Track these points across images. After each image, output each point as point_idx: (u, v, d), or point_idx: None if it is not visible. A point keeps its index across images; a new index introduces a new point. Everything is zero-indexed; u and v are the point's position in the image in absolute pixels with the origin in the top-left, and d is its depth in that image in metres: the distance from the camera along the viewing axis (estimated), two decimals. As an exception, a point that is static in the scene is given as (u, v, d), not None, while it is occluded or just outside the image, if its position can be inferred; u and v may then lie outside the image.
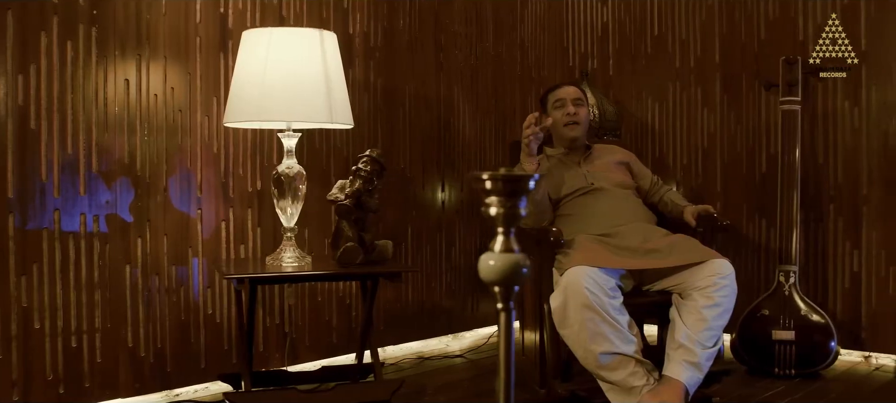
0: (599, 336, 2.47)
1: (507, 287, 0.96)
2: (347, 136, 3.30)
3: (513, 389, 0.98)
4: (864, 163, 3.39)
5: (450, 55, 3.72)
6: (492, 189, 0.95)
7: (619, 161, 3.09)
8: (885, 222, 3.34)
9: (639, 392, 2.48)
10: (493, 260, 0.96)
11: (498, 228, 0.97)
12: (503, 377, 0.96)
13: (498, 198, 0.96)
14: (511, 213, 0.95)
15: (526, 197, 0.95)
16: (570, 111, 3.00)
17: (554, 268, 2.67)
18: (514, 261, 0.95)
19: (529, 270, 0.93)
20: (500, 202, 0.96)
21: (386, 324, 3.46)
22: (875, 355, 3.39)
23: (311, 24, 3.17)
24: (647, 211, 2.97)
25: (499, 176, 0.95)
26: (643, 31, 3.95)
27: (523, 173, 2.61)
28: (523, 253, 0.98)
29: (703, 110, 3.80)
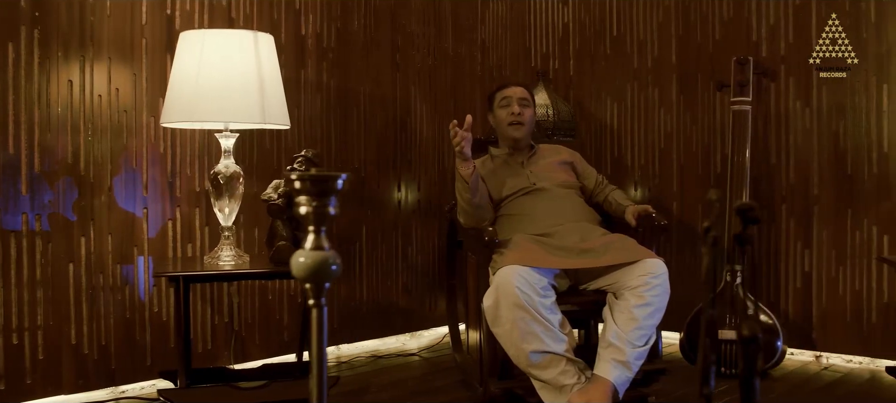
0: (530, 334, 2.49)
1: (318, 284, 0.99)
2: (300, 136, 3.33)
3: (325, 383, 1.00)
4: (815, 163, 3.39)
5: (407, 55, 3.75)
6: (301, 189, 0.98)
7: (564, 161, 3.10)
8: (835, 222, 3.35)
9: (570, 390, 2.51)
10: (303, 257, 0.99)
11: (309, 227, 1.00)
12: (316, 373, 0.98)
13: (307, 198, 0.98)
14: (320, 212, 0.98)
15: (335, 196, 0.98)
16: (514, 111, 3.01)
17: (490, 268, 2.69)
18: (323, 259, 0.98)
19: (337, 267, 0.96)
20: (309, 201, 0.98)
21: (340, 323, 3.50)
22: (826, 355, 3.40)
23: (262, 25, 3.20)
24: (589, 211, 2.98)
25: (307, 176, 0.97)
26: (602, 31, 3.97)
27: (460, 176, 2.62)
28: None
29: (660, 110, 3.81)
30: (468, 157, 2.71)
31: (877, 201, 3.25)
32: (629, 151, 3.91)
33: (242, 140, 3.14)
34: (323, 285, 0.98)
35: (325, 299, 0.99)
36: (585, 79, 4.03)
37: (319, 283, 0.98)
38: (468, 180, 2.73)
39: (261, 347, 3.23)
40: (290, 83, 3.31)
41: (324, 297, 0.99)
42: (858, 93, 3.28)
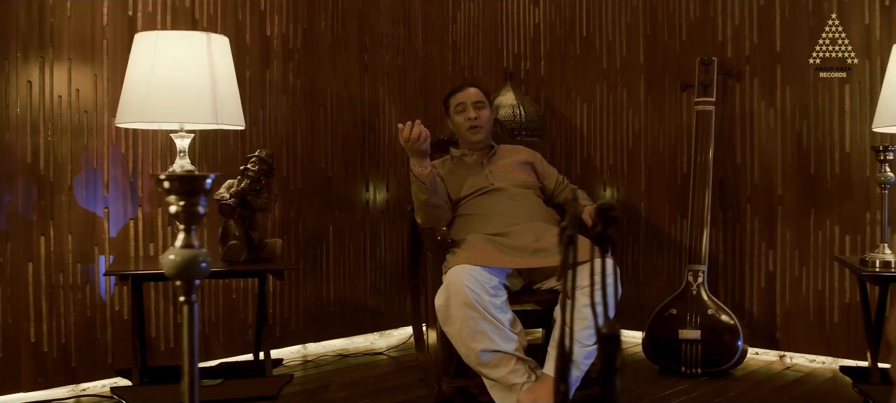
0: (480, 333, 2.51)
1: (188, 281, 1.01)
2: (265, 136, 3.35)
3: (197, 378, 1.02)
4: (779, 163, 3.40)
5: (375, 56, 3.77)
6: (170, 189, 1.00)
7: (523, 161, 3.12)
8: (798, 222, 3.35)
9: (519, 389, 2.52)
10: (173, 255, 1.01)
11: (179, 225, 1.02)
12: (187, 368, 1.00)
13: (176, 198, 1.00)
14: (190, 212, 1.00)
15: (204, 196, 1.00)
16: (470, 115, 3.03)
17: (442, 267, 2.71)
18: (192, 257, 1.00)
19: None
20: (178, 201, 1.00)
21: (306, 322, 3.52)
22: (789, 354, 3.41)
23: (226, 26, 3.23)
24: (546, 211, 3.00)
25: (175, 176, 0.99)
26: (572, 32, 3.98)
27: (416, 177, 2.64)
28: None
29: (629, 111, 3.82)
30: (427, 153, 2.70)
31: (839, 201, 3.25)
32: (598, 152, 3.92)
33: (206, 140, 3.17)
34: (193, 282, 1.00)
35: (195, 296, 1.01)
36: (556, 80, 4.05)
37: (189, 280, 1.00)
38: (425, 181, 2.73)
39: (225, 345, 3.25)
40: (256, 84, 3.34)
41: (194, 294, 1.01)
42: (821, 94, 3.29)
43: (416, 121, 2.64)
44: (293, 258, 3.46)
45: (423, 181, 2.72)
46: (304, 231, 3.51)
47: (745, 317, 3.46)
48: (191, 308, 1.00)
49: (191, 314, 1.00)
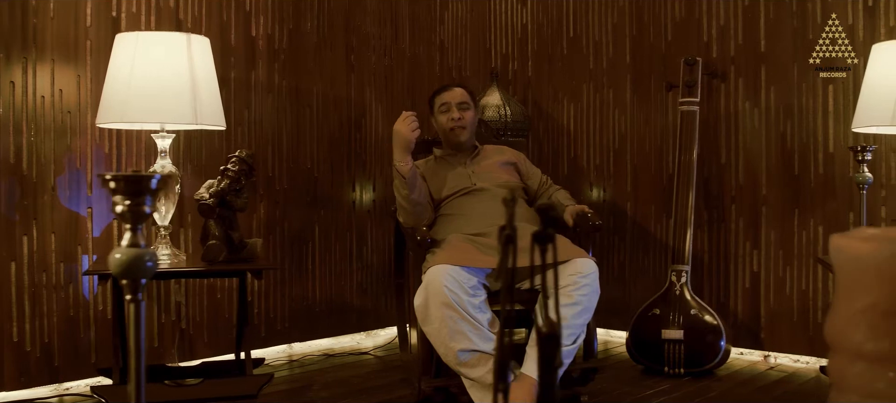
0: (459, 333, 2.52)
1: (134, 279, 1.01)
2: (250, 137, 3.36)
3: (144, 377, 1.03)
4: (763, 163, 3.41)
5: (362, 56, 3.78)
6: (115, 189, 1.01)
7: (507, 161, 3.12)
8: (782, 222, 3.36)
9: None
10: (119, 254, 1.02)
11: (125, 225, 1.03)
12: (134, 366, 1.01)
13: (121, 198, 1.01)
14: (135, 211, 1.01)
15: (150, 196, 1.01)
16: (454, 116, 3.04)
17: (422, 267, 2.72)
18: (137, 255, 1.01)
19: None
20: (123, 200, 1.01)
21: (292, 321, 3.53)
22: (774, 354, 3.41)
23: (211, 26, 3.24)
24: (528, 211, 3.00)
25: (120, 177, 1.00)
26: (559, 32, 3.99)
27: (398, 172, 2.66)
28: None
29: (615, 111, 3.83)
30: (411, 149, 2.75)
31: (822, 201, 3.25)
32: (585, 152, 3.93)
33: (191, 140, 3.18)
34: (139, 281, 1.00)
35: (142, 295, 1.02)
36: (543, 80, 4.06)
37: (135, 279, 1.00)
38: (406, 176, 2.76)
39: (209, 345, 3.26)
40: (241, 84, 3.35)
41: (141, 293, 1.01)
42: (805, 95, 3.29)
43: (414, 115, 2.69)
44: (278, 258, 3.47)
45: (404, 176, 2.75)
46: (290, 230, 3.52)
47: (729, 317, 3.47)
48: (137, 306, 1.01)
49: (137, 313, 1.01)
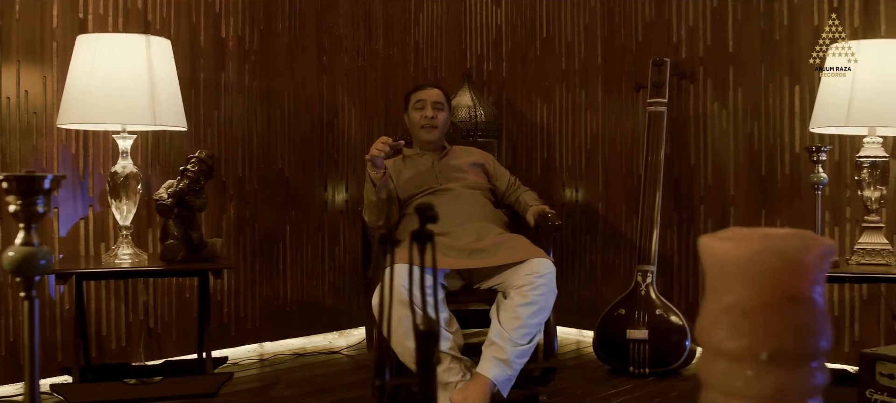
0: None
1: (28, 278, 1.03)
2: (219, 137, 3.38)
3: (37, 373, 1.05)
4: (732, 164, 3.42)
5: (334, 57, 3.80)
6: (9, 188, 1.03)
7: (475, 162, 3.14)
8: (750, 223, 3.36)
9: (453, 387, 2.55)
10: (12, 252, 1.04)
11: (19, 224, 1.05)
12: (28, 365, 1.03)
13: (14, 197, 1.03)
14: (28, 211, 1.03)
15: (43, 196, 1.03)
16: (428, 114, 3.06)
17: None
18: (31, 254, 1.03)
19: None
20: (16, 200, 1.03)
21: (262, 321, 3.55)
22: (742, 355, 3.41)
23: (180, 28, 3.26)
24: (493, 212, 3.02)
25: (13, 177, 1.02)
26: (533, 33, 4.00)
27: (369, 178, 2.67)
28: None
29: (587, 111, 3.84)
30: (378, 165, 2.77)
31: (789, 201, 3.26)
32: (558, 152, 3.94)
33: (159, 141, 3.20)
34: (32, 279, 1.02)
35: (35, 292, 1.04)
36: (517, 81, 4.07)
37: (29, 277, 1.02)
38: (377, 182, 2.80)
39: (178, 344, 3.28)
40: (210, 85, 3.37)
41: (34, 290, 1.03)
42: (772, 95, 3.30)
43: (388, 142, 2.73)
44: (248, 258, 3.49)
45: (375, 182, 2.79)
46: (261, 230, 3.54)
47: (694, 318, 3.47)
48: (31, 304, 1.03)
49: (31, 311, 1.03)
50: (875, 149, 2.62)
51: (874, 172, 2.60)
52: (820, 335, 0.90)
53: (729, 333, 0.90)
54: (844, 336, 3.17)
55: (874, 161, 2.60)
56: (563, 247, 3.90)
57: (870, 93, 2.51)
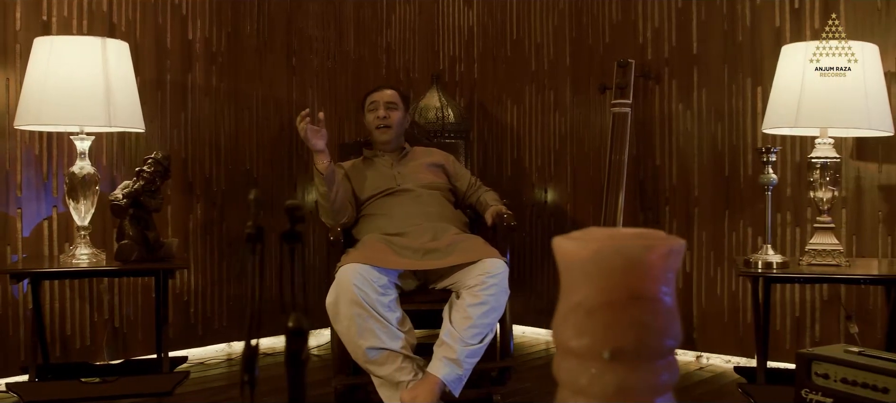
0: (367, 331, 2.55)
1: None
2: (186, 139, 3.41)
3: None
4: (696, 165, 3.43)
5: (304, 59, 3.82)
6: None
7: (434, 163, 3.15)
8: (713, 223, 3.38)
9: (405, 386, 2.56)
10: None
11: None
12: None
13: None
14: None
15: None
16: (380, 115, 3.08)
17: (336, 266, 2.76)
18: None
19: None
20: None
21: (230, 321, 3.57)
22: (706, 355, 3.43)
23: (145, 30, 3.29)
24: (453, 212, 3.03)
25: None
26: (503, 34, 4.02)
27: (316, 170, 2.70)
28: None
29: (556, 112, 3.85)
30: (318, 148, 2.78)
31: (751, 202, 3.27)
32: (527, 153, 3.96)
33: (125, 142, 3.22)
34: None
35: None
36: (488, 82, 4.09)
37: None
38: (324, 173, 2.80)
39: (144, 343, 3.30)
40: (177, 86, 3.40)
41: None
42: (735, 96, 3.31)
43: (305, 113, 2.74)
44: (216, 258, 3.51)
45: (321, 172, 2.79)
46: (228, 231, 3.56)
47: (663, 318, 3.49)
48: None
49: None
50: (826, 150, 2.62)
51: (825, 173, 2.60)
52: (665, 334, 0.91)
53: (574, 331, 0.91)
54: (805, 337, 3.18)
55: (825, 162, 2.61)
56: (532, 248, 3.92)
57: (819, 94, 2.52)
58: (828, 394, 2.02)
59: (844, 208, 3.08)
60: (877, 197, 3.01)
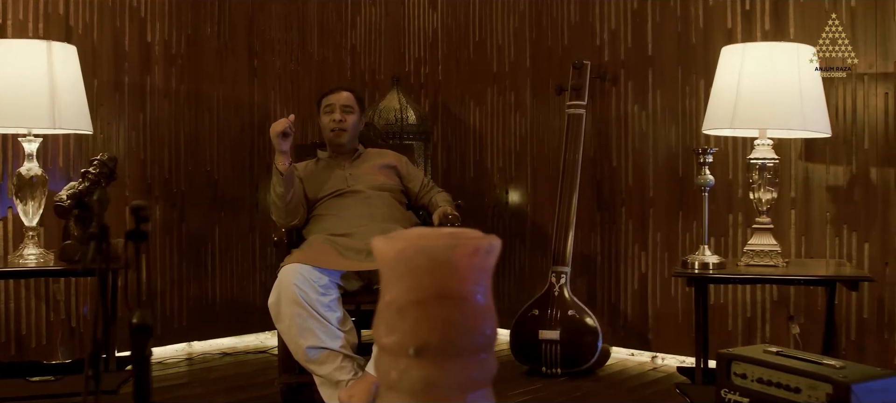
0: (307, 331, 2.58)
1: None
2: (145, 140, 3.44)
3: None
4: (651, 166, 3.44)
5: (266, 60, 3.85)
6: None
7: (387, 164, 3.17)
8: (668, 224, 3.39)
9: (344, 386, 2.59)
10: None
11: None
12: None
13: None
14: None
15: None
16: (336, 117, 3.10)
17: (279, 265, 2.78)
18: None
19: None
20: None
21: (190, 320, 3.61)
22: (661, 355, 3.44)
23: (103, 33, 3.32)
24: (403, 213, 3.05)
25: None
26: (466, 36, 4.04)
27: (276, 169, 2.73)
28: None
29: (516, 113, 3.87)
30: (283, 150, 2.82)
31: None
32: (490, 154, 3.98)
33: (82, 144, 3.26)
34: None
35: None
36: (451, 83, 4.11)
37: None
38: (284, 173, 2.83)
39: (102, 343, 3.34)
40: (135, 89, 3.43)
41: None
42: (689, 97, 3.32)
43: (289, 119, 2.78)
44: (175, 259, 3.55)
45: (281, 172, 2.82)
46: (188, 232, 3.60)
47: (620, 319, 3.50)
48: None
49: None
50: (765, 151, 2.63)
51: (763, 174, 2.61)
52: (473, 332, 0.93)
53: (385, 329, 0.93)
54: (756, 337, 3.19)
55: (764, 162, 2.62)
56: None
57: (754, 95, 2.53)
58: (745, 394, 2.03)
59: (793, 209, 3.09)
60: (824, 198, 3.02)
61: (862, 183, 2.93)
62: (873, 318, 2.91)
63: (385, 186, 3.09)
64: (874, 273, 2.88)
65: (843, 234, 2.98)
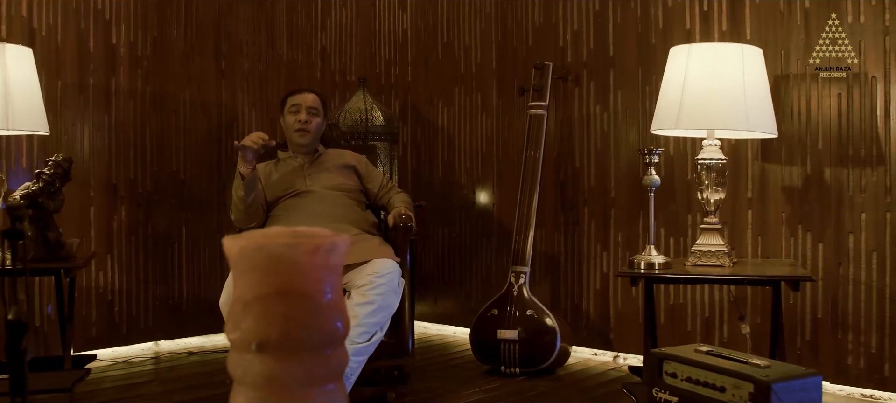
0: (257, 331, 2.60)
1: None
2: (111, 141, 3.47)
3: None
4: (612, 166, 3.45)
5: (234, 62, 3.88)
6: None
7: (346, 165, 3.19)
8: (629, 224, 3.40)
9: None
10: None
11: None
12: None
13: None
14: None
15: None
16: (301, 118, 3.12)
17: (233, 267, 2.80)
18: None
19: None
20: None
21: (156, 320, 3.63)
22: (623, 355, 3.45)
23: (67, 35, 3.35)
24: (359, 213, 3.07)
25: None
26: (435, 38, 4.06)
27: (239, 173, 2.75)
28: None
29: (483, 114, 3.89)
30: (249, 159, 2.85)
31: (664, 204, 3.29)
32: (457, 154, 3.99)
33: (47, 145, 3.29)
34: None
35: None
36: (420, 84, 4.13)
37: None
38: (246, 177, 2.86)
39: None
40: (100, 90, 3.46)
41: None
42: (649, 98, 3.33)
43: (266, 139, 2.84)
44: (141, 259, 3.57)
45: (244, 177, 2.85)
46: (154, 232, 3.62)
47: (582, 318, 3.52)
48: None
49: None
50: (713, 151, 2.64)
51: (711, 174, 2.62)
52: (315, 329, 0.95)
53: (232, 324, 0.95)
54: (714, 337, 3.19)
55: (711, 163, 2.63)
56: (461, 249, 3.95)
57: (699, 96, 2.54)
58: (675, 393, 2.04)
59: (750, 209, 3.09)
60: (780, 198, 3.03)
61: (816, 183, 2.94)
62: (827, 318, 2.92)
63: (342, 187, 3.11)
64: (827, 273, 2.89)
65: (799, 234, 2.99)
